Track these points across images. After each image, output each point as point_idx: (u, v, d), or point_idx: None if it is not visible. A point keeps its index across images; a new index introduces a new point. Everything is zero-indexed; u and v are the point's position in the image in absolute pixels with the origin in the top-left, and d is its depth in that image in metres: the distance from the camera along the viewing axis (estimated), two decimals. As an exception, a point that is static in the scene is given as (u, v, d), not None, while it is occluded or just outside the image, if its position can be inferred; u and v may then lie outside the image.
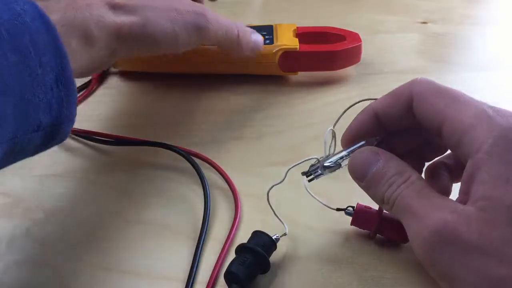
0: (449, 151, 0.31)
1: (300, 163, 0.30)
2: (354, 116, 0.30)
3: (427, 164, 0.32)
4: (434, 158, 0.32)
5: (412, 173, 0.26)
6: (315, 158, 0.30)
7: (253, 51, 0.43)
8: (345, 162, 0.30)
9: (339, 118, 0.31)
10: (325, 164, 0.29)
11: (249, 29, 0.43)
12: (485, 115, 0.24)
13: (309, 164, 0.30)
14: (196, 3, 0.38)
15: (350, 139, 0.30)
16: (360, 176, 0.28)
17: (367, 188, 0.28)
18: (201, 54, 0.48)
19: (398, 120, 0.29)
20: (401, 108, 0.28)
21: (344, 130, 0.31)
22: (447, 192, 0.31)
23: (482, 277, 0.22)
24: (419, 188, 0.26)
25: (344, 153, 0.30)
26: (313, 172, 0.30)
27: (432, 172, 0.31)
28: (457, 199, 0.25)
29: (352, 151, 0.29)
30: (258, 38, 0.44)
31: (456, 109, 0.25)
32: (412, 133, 0.30)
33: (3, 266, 0.31)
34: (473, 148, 0.24)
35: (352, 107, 0.31)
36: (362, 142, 0.30)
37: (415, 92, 0.27)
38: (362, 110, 0.30)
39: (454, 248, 0.23)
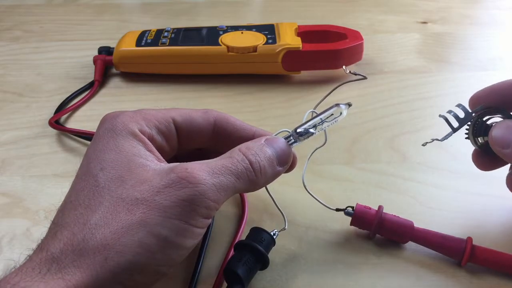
0: None
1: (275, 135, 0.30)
2: (336, 100, 0.30)
3: None
4: None
5: None
6: (287, 130, 0.30)
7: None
8: (319, 128, 0.30)
9: (321, 101, 0.31)
10: (298, 131, 0.29)
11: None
12: None
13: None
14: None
15: (477, 99, 0.32)
16: (505, 144, 0.29)
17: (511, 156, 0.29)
18: (202, 55, 0.48)
19: None
20: None
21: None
22: None
23: None
24: None
25: (316, 119, 0.30)
26: (287, 141, 0.30)
27: None
28: None
29: (323, 119, 0.29)
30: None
31: None
32: None
33: (3, 266, 0.31)
34: None
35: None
36: (334, 105, 0.30)
37: None
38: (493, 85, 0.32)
39: None
